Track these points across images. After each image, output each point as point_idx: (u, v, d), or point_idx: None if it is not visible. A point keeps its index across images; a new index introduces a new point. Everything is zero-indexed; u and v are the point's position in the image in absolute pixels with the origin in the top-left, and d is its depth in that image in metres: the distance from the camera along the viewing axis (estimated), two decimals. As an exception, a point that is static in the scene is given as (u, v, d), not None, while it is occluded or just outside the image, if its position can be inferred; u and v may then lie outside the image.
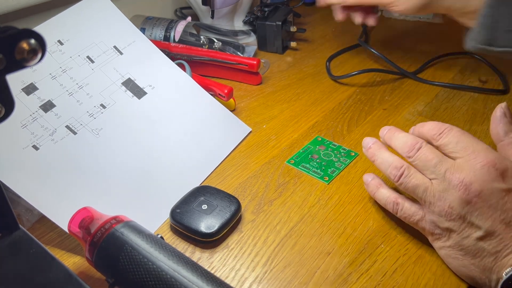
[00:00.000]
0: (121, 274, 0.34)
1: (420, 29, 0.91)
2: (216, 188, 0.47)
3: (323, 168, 0.51)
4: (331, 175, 0.50)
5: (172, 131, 0.52)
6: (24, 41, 0.25)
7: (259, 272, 0.40)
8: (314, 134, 0.58)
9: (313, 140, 0.56)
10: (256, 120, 0.60)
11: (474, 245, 0.37)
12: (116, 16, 0.56)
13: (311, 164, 0.52)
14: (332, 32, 0.88)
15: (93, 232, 0.36)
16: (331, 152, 0.54)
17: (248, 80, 0.69)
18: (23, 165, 0.43)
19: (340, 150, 0.54)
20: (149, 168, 0.48)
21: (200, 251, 0.42)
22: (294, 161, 0.52)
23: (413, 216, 0.40)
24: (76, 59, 0.51)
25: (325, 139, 0.56)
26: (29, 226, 0.44)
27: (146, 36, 0.71)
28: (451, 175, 0.38)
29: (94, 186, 0.45)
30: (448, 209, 0.37)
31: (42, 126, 0.45)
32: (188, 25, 0.74)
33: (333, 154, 0.54)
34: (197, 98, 0.57)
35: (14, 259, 0.33)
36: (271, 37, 0.77)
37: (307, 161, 0.52)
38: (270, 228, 0.44)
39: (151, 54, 0.57)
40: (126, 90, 0.52)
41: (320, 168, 0.51)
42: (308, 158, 0.53)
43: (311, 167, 0.51)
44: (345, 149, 0.54)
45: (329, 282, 0.39)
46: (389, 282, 0.40)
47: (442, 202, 0.38)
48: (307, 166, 0.52)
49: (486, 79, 0.70)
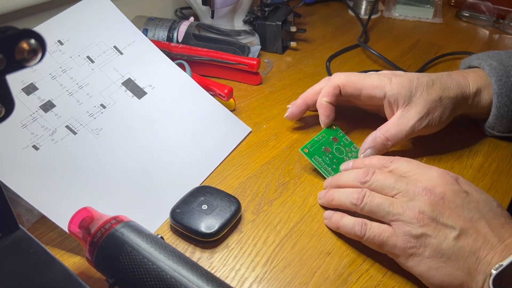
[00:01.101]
0: (121, 274, 0.34)
1: (420, 29, 0.91)
2: (216, 188, 0.47)
3: (334, 167, 0.51)
4: None
5: (172, 131, 0.52)
6: (24, 41, 0.25)
7: (259, 272, 0.40)
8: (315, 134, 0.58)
9: (327, 129, 0.55)
10: (256, 120, 0.60)
11: (453, 246, 0.36)
12: (116, 16, 0.56)
13: (323, 158, 0.51)
14: (332, 32, 0.88)
15: (93, 232, 0.36)
16: (343, 148, 0.53)
17: (248, 80, 0.69)
18: (23, 165, 0.43)
19: (352, 148, 0.54)
20: (149, 168, 0.48)
21: (200, 251, 0.42)
22: (308, 150, 0.51)
23: (382, 233, 0.39)
24: (76, 59, 0.51)
25: (339, 129, 0.55)
26: (29, 226, 0.44)
27: (149, 37, 0.71)
28: (413, 186, 0.39)
29: (94, 186, 0.45)
30: (419, 215, 0.37)
31: (42, 126, 0.45)
32: (191, 25, 0.74)
33: (345, 151, 0.53)
34: (197, 98, 0.57)
35: (14, 259, 0.33)
36: (271, 37, 0.77)
37: (320, 154, 0.51)
38: (270, 228, 0.44)
39: (151, 54, 0.57)
40: (126, 90, 0.52)
41: (331, 166, 0.51)
42: (321, 151, 0.52)
43: (323, 163, 0.51)
44: (356, 147, 0.54)
45: (329, 282, 0.39)
46: (389, 282, 0.40)
47: (411, 210, 0.38)
48: (320, 160, 0.51)
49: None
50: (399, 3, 0.96)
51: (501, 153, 0.56)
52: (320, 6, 1.02)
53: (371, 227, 0.40)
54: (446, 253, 0.37)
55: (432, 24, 0.93)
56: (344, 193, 0.43)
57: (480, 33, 0.90)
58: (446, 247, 0.37)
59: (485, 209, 0.38)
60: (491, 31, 0.90)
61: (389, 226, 0.39)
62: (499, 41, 0.87)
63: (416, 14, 0.95)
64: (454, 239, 0.37)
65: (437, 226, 0.37)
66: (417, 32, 0.89)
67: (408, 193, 0.39)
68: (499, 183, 0.51)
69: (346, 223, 0.42)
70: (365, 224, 0.40)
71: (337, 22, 0.94)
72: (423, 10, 0.95)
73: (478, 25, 0.93)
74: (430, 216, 0.37)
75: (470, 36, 0.88)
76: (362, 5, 0.97)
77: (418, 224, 0.37)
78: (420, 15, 0.95)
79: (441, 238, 0.37)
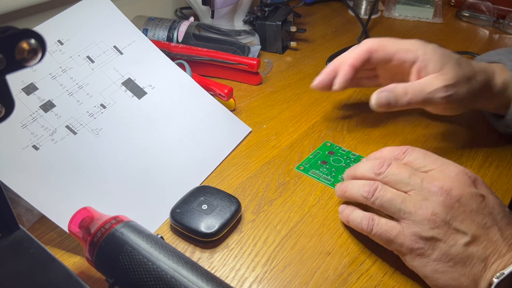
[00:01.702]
0: (121, 274, 0.34)
1: (420, 29, 0.91)
2: (216, 188, 0.47)
3: (333, 175, 0.51)
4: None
5: (172, 131, 0.52)
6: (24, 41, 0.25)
7: (259, 272, 0.40)
8: (314, 134, 0.58)
9: (322, 146, 0.55)
10: (256, 120, 0.60)
11: (462, 252, 0.35)
12: (116, 16, 0.56)
13: (320, 170, 0.51)
14: (332, 32, 0.88)
15: (93, 232, 0.36)
16: (340, 157, 0.53)
17: (248, 80, 0.69)
18: (23, 165, 0.43)
19: (350, 155, 0.54)
20: (149, 168, 0.48)
21: (200, 251, 0.42)
22: (303, 167, 0.52)
23: (390, 231, 0.38)
24: (76, 59, 0.51)
25: (334, 145, 0.55)
26: (29, 226, 0.44)
27: (149, 37, 0.71)
28: (428, 183, 0.37)
29: (94, 186, 0.45)
30: (432, 216, 0.36)
31: (42, 126, 0.45)
32: (191, 25, 0.74)
33: (343, 160, 0.53)
34: (197, 98, 0.57)
35: (14, 259, 0.33)
36: (271, 37, 0.77)
37: (316, 167, 0.52)
38: (270, 228, 0.44)
39: (151, 54, 0.57)
40: (126, 90, 0.52)
41: (330, 175, 0.51)
42: (317, 164, 0.52)
43: (321, 173, 0.51)
44: (354, 154, 0.54)
45: (329, 282, 0.39)
46: (390, 282, 0.40)
47: (423, 210, 0.36)
48: (317, 172, 0.51)
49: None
50: (399, 3, 0.96)
51: (501, 153, 0.56)
52: (320, 6, 1.02)
53: (379, 223, 0.39)
54: (454, 258, 0.36)
55: (432, 24, 0.93)
56: (356, 185, 0.41)
57: (480, 33, 0.90)
58: (455, 252, 0.36)
59: (499, 216, 0.37)
60: (491, 31, 0.90)
61: (398, 223, 0.38)
62: (499, 41, 0.87)
63: (416, 14, 0.95)
64: (465, 245, 0.35)
65: (448, 230, 0.36)
66: (417, 32, 0.89)
67: (423, 191, 0.37)
68: (499, 183, 0.51)
69: (355, 217, 0.41)
70: (373, 219, 0.39)
71: (337, 22, 0.94)
72: (423, 10, 0.95)
73: (478, 25, 0.93)
74: (443, 219, 0.36)
75: (470, 36, 0.88)
76: (362, 5, 0.97)
77: (429, 226, 0.36)
78: (420, 15, 0.95)
79: (451, 243, 0.36)
